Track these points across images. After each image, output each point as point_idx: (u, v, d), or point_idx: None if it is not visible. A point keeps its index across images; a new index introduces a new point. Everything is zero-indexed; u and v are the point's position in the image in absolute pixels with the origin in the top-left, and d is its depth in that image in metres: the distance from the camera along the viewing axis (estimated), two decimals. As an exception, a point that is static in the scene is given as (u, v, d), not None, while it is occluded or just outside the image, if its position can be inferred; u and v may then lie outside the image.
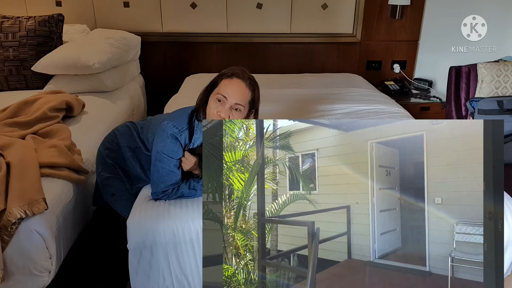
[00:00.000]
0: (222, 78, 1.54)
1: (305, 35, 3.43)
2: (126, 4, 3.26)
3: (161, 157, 1.57)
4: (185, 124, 1.58)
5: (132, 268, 1.55)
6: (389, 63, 3.56)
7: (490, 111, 2.60)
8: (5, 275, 1.50)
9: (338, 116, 2.45)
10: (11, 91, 2.70)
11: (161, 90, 3.12)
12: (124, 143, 1.76)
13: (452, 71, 2.71)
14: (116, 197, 1.80)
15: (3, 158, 1.68)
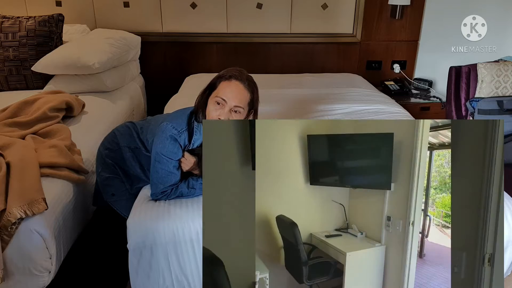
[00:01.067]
0: (221, 81, 1.54)
1: (305, 35, 3.43)
2: (126, 4, 3.26)
3: (161, 158, 1.57)
4: (185, 125, 1.58)
5: (132, 268, 1.56)
6: (389, 63, 3.56)
7: (490, 111, 2.60)
8: (5, 275, 1.50)
9: (338, 116, 2.45)
10: (11, 91, 2.70)
11: (161, 90, 3.12)
12: (124, 143, 1.76)
13: (452, 71, 2.71)
14: (116, 197, 1.80)
15: (3, 158, 1.68)
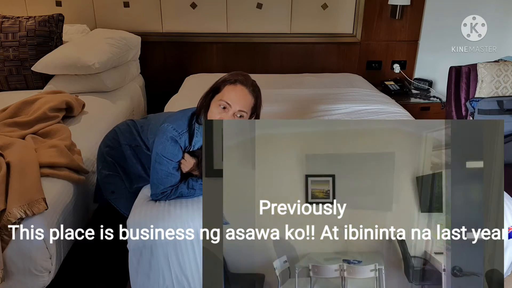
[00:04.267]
0: (225, 84, 1.53)
1: (305, 35, 3.42)
2: (126, 4, 3.26)
3: (161, 159, 1.57)
4: (185, 127, 1.58)
5: (132, 268, 1.56)
6: (389, 63, 3.56)
7: (490, 111, 2.60)
8: (5, 275, 1.50)
9: (338, 116, 2.45)
10: (11, 91, 2.69)
11: (161, 90, 3.12)
12: (125, 141, 1.76)
13: (452, 71, 2.71)
14: (116, 195, 1.80)
15: (3, 158, 1.68)
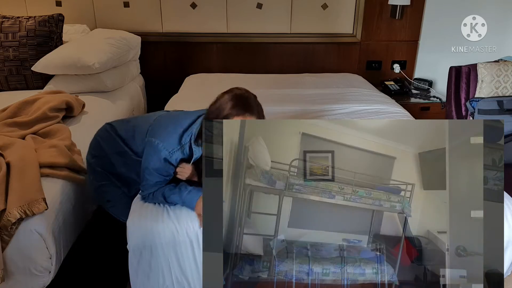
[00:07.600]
0: (234, 115, 1.43)
1: (305, 35, 3.42)
2: (126, 4, 3.26)
3: (151, 172, 1.56)
4: (176, 145, 1.55)
5: (132, 268, 1.56)
6: (389, 63, 3.56)
7: (490, 111, 2.60)
8: (5, 275, 1.50)
9: (338, 116, 2.45)
10: (11, 91, 2.70)
11: (161, 90, 3.12)
12: (110, 149, 1.72)
13: (452, 71, 2.71)
14: (112, 203, 1.77)
15: (3, 158, 1.68)
